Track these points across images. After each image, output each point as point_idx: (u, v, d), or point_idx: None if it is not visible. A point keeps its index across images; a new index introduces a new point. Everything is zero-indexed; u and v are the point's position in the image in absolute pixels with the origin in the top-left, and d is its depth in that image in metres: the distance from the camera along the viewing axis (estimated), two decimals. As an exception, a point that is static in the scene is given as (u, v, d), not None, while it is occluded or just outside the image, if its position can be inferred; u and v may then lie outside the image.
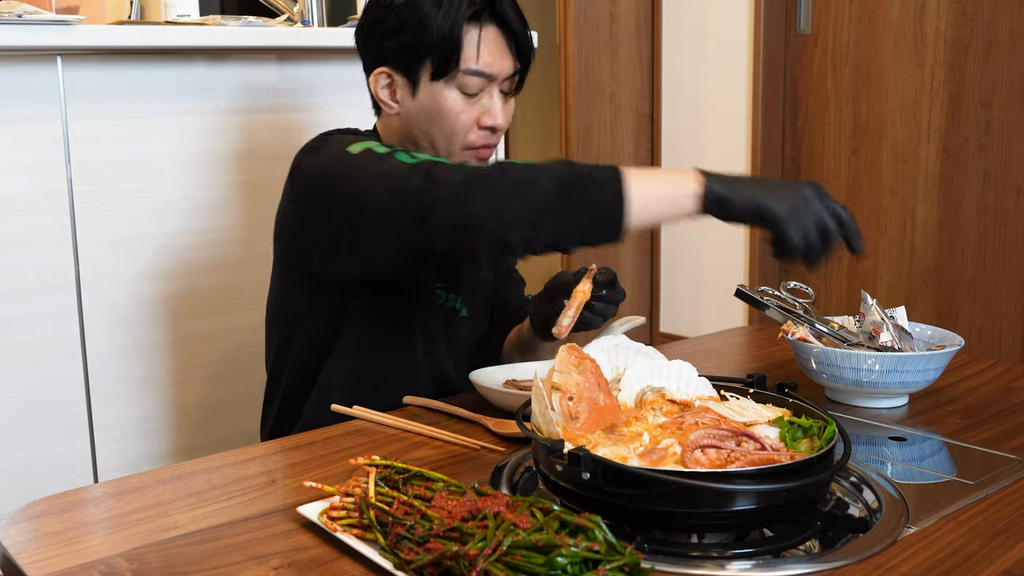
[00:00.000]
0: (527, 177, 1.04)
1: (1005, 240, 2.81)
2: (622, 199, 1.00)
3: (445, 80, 1.28)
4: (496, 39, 1.30)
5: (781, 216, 1.01)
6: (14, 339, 1.70)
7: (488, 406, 1.22)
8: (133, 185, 1.80)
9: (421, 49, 1.28)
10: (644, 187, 1.01)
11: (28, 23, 1.58)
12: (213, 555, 0.82)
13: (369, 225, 1.13)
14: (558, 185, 1.02)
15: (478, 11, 1.28)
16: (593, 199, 1.01)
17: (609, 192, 1.01)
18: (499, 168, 1.07)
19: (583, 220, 1.02)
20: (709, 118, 3.41)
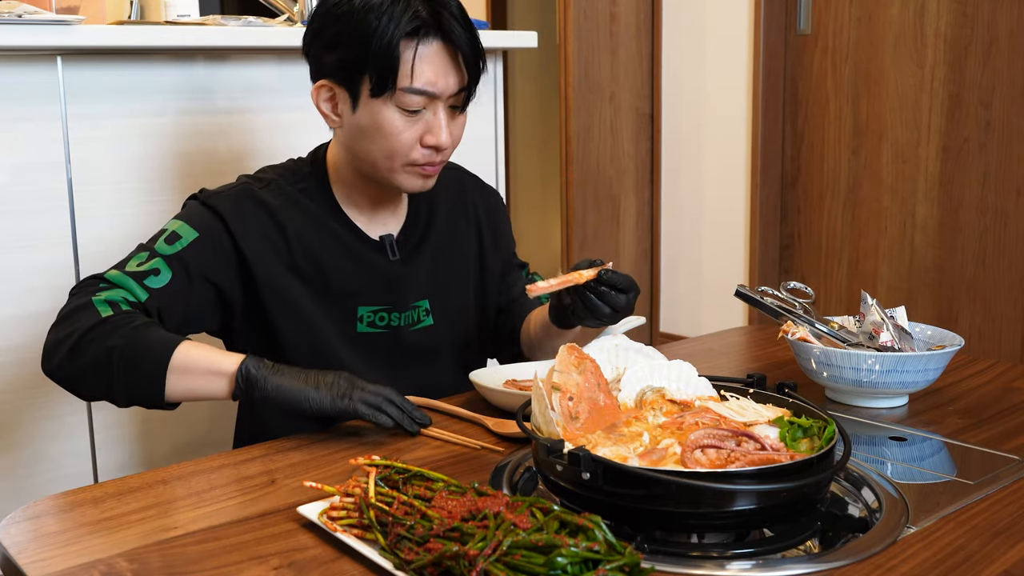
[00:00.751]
0: (98, 344, 1.15)
1: (1005, 240, 2.81)
2: (162, 386, 1.15)
3: (384, 98, 1.22)
4: (439, 55, 1.23)
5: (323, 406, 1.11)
6: (14, 339, 1.70)
7: (488, 406, 1.22)
8: (133, 185, 1.80)
9: (359, 64, 1.22)
10: (182, 378, 1.15)
11: (28, 23, 1.58)
12: (213, 555, 0.82)
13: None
14: (109, 359, 1.14)
15: (419, 26, 1.21)
16: (135, 384, 1.15)
17: (149, 380, 1.14)
18: (90, 327, 1.16)
19: (128, 393, 1.16)
20: (709, 118, 3.41)
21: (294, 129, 1.96)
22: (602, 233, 3.50)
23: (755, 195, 3.29)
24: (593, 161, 3.44)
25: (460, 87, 1.25)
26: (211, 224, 1.27)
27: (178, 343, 1.15)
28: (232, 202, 1.29)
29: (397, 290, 1.34)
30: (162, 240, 1.26)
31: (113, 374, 1.14)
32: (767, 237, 3.32)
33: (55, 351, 1.17)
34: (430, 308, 1.38)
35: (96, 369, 1.14)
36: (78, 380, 1.17)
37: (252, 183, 1.33)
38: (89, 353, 1.14)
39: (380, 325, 1.34)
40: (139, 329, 1.15)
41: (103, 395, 1.17)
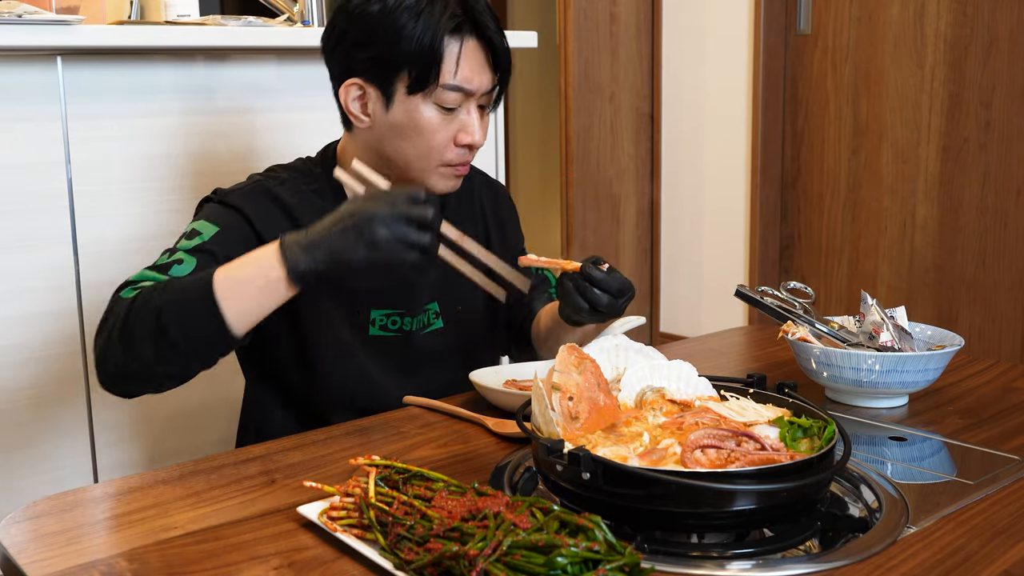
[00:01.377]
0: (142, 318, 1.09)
1: (1005, 240, 2.81)
2: (221, 318, 1.07)
3: (423, 95, 1.22)
4: (476, 52, 1.24)
5: (360, 260, 1.06)
6: (14, 339, 1.70)
7: (488, 406, 1.22)
8: (133, 185, 1.80)
9: (397, 61, 1.21)
10: (236, 299, 1.08)
11: (28, 23, 1.58)
12: (213, 555, 0.82)
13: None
14: (158, 321, 1.08)
15: (460, 23, 1.22)
16: (196, 330, 1.08)
17: (206, 317, 1.08)
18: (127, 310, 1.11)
19: (195, 344, 1.09)
20: (709, 118, 3.41)
21: (294, 129, 1.96)
22: (602, 233, 3.50)
23: (755, 195, 3.29)
24: (593, 161, 3.44)
25: (492, 85, 1.27)
26: (231, 219, 1.25)
27: (212, 275, 1.09)
28: (250, 198, 1.28)
29: (409, 295, 1.35)
30: (182, 239, 1.24)
31: (173, 335, 1.07)
32: (767, 237, 3.32)
33: (106, 354, 1.12)
34: (439, 311, 1.38)
35: (153, 342, 1.08)
36: (142, 365, 1.10)
37: (266, 180, 1.32)
38: (138, 330, 1.09)
39: (392, 329, 1.34)
40: (167, 287, 1.11)
41: (173, 361, 1.10)
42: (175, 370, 1.12)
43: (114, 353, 1.10)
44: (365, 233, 1.06)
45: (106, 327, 1.13)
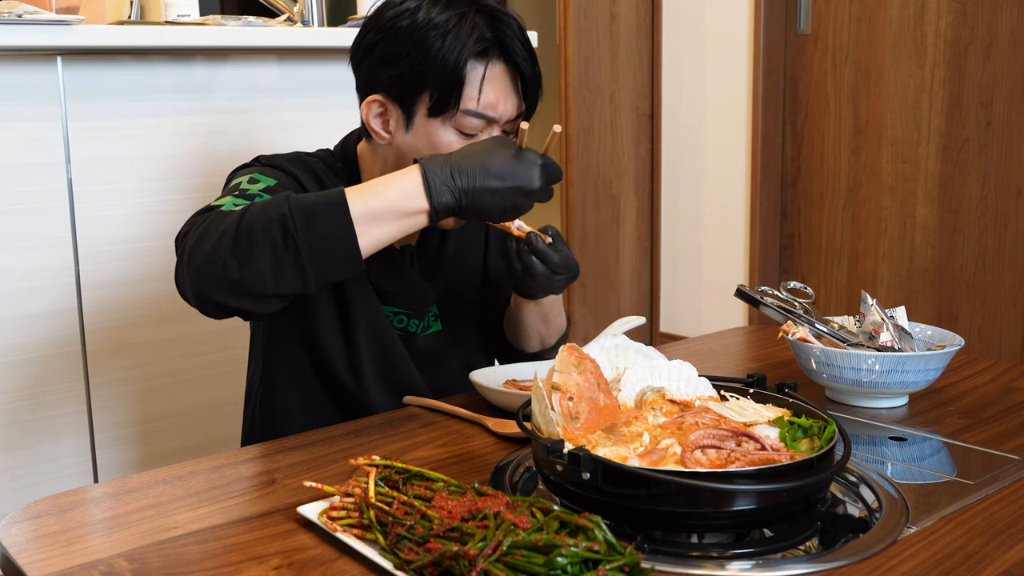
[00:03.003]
0: (262, 226, 1.03)
1: (1005, 240, 2.81)
2: (354, 239, 1.04)
3: (443, 118, 1.20)
4: (502, 78, 1.20)
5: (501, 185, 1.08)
6: (14, 339, 1.70)
7: (488, 406, 1.22)
8: (133, 185, 1.80)
9: (420, 81, 1.19)
10: (369, 222, 1.05)
11: (28, 23, 1.58)
12: (213, 555, 0.82)
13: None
14: (285, 231, 1.03)
15: (487, 47, 1.18)
16: (324, 242, 1.03)
17: (335, 231, 1.03)
18: (239, 219, 1.05)
19: (322, 263, 1.04)
20: (709, 118, 3.41)
21: (294, 129, 1.96)
22: (602, 233, 3.50)
23: (755, 195, 3.29)
24: (593, 161, 3.44)
25: (518, 112, 1.24)
26: (283, 177, 1.24)
27: (343, 194, 1.05)
28: (295, 164, 1.27)
29: (418, 299, 1.35)
30: (244, 182, 1.19)
31: (298, 244, 1.02)
32: (767, 237, 3.32)
33: (212, 260, 1.03)
34: (438, 313, 1.38)
35: (274, 254, 1.02)
36: (255, 270, 1.03)
37: (304, 156, 1.31)
38: (257, 236, 1.02)
39: (398, 327, 1.35)
40: (294, 197, 1.05)
41: (291, 277, 1.03)
42: (290, 288, 1.05)
43: (224, 263, 1.03)
44: (506, 161, 1.08)
45: (209, 238, 1.05)
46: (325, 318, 1.29)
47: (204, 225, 1.08)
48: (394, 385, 1.31)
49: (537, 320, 1.38)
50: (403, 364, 1.32)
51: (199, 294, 1.07)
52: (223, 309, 1.08)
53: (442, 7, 1.19)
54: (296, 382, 1.32)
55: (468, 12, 1.20)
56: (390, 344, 1.31)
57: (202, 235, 1.07)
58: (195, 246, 1.07)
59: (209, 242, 1.06)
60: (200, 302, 1.08)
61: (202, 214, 1.13)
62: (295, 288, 1.05)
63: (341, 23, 2.18)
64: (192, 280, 1.07)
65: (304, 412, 1.31)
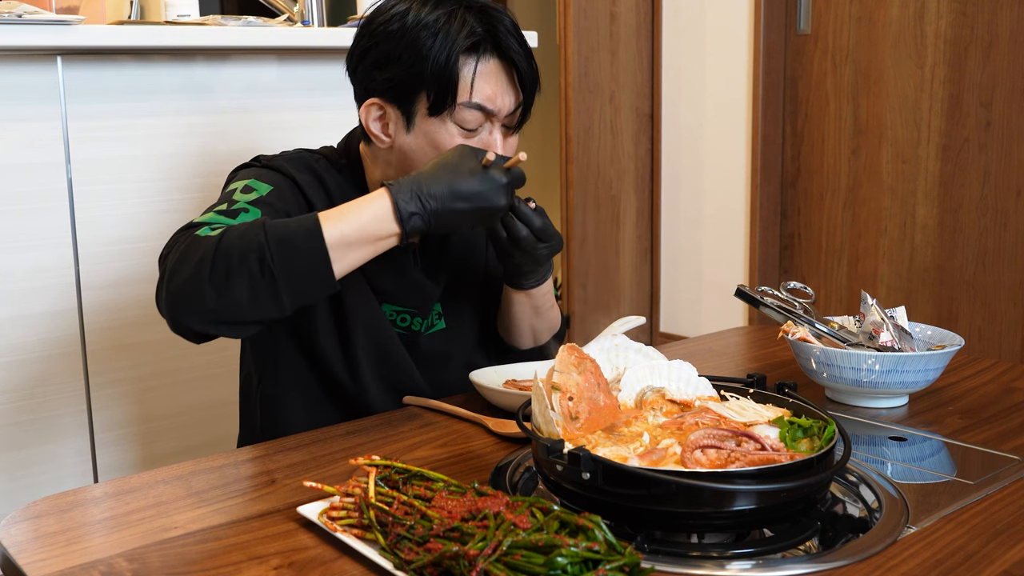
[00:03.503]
0: (239, 256, 1.05)
1: (1005, 240, 2.81)
2: (329, 266, 1.07)
3: (442, 116, 1.21)
4: (496, 71, 1.22)
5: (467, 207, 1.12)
6: (14, 339, 1.70)
7: (488, 406, 1.22)
8: (133, 185, 1.80)
9: (416, 82, 1.20)
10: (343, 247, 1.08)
11: (28, 23, 1.58)
12: (213, 555, 0.82)
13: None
14: (262, 262, 1.05)
15: (477, 41, 1.20)
16: (299, 270, 1.06)
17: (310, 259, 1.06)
18: (216, 246, 1.06)
19: (298, 290, 1.07)
20: (709, 118, 3.41)
21: (294, 129, 1.96)
22: (602, 233, 3.50)
23: (755, 195, 3.29)
24: (593, 161, 3.44)
25: (516, 105, 1.25)
26: (281, 181, 1.25)
27: (318, 221, 1.07)
28: (295, 165, 1.28)
29: (422, 297, 1.35)
30: (238, 192, 1.20)
31: (275, 273, 1.04)
32: (767, 237, 3.32)
33: (190, 290, 1.05)
34: (442, 311, 1.38)
35: (251, 284, 1.04)
36: (232, 300, 1.04)
37: (306, 154, 1.32)
38: (235, 266, 1.04)
39: (401, 325, 1.34)
40: (270, 225, 1.06)
41: (268, 305, 1.05)
42: (267, 315, 1.07)
43: (202, 293, 1.05)
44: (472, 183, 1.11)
45: (186, 266, 1.07)
46: (322, 321, 1.29)
47: (182, 250, 1.10)
48: (394, 385, 1.31)
49: (529, 312, 1.38)
50: (403, 364, 1.32)
51: (176, 321, 1.09)
52: (200, 336, 1.11)
53: (431, 7, 1.21)
54: (296, 383, 1.32)
55: (457, 10, 1.21)
56: (389, 345, 1.31)
57: (180, 261, 1.09)
58: (173, 272, 1.09)
59: (187, 269, 1.07)
60: (177, 328, 1.10)
61: (184, 231, 1.14)
62: (271, 314, 1.08)
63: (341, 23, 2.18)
64: (169, 307, 1.09)
65: (307, 412, 1.31)
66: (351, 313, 1.29)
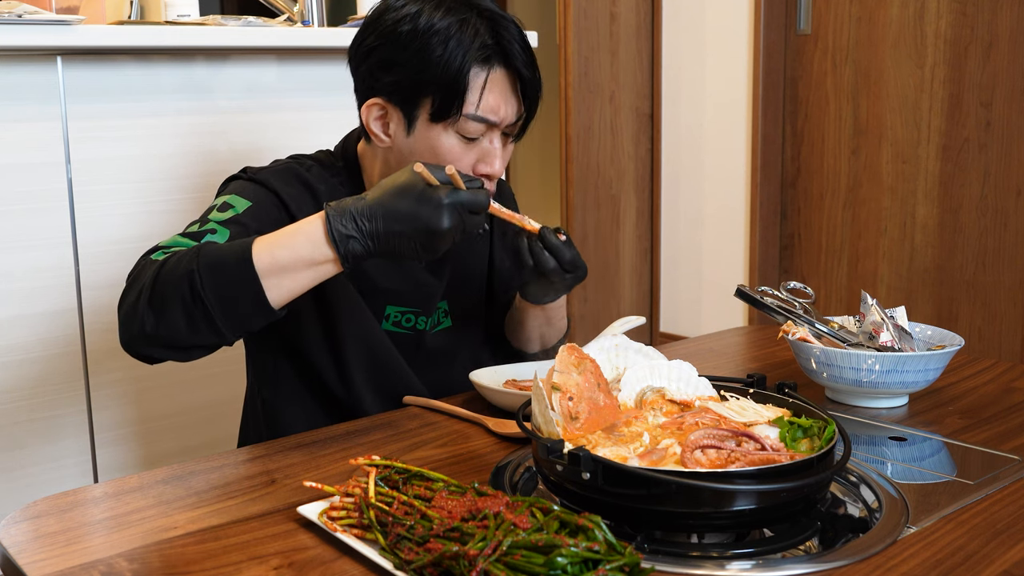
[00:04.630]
0: (174, 283, 1.04)
1: (1005, 240, 2.81)
2: (261, 291, 1.04)
3: (444, 124, 1.20)
4: (503, 83, 1.21)
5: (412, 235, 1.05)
6: (14, 339, 1.70)
7: (488, 406, 1.22)
8: (133, 185, 1.80)
9: (422, 87, 1.19)
10: (276, 273, 1.04)
11: (28, 23, 1.59)
12: (213, 555, 0.82)
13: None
14: (192, 289, 1.04)
15: (489, 54, 1.19)
16: (230, 296, 1.04)
17: (241, 286, 1.03)
18: (157, 272, 1.06)
19: (233, 317, 1.05)
20: (709, 118, 3.41)
21: (294, 129, 1.96)
22: (602, 233, 3.50)
23: (755, 195, 3.29)
24: (593, 161, 3.44)
25: (518, 116, 1.24)
26: (263, 196, 1.24)
27: (250, 246, 1.05)
28: (282, 178, 1.27)
29: (425, 296, 1.35)
30: (214, 211, 1.20)
31: (205, 301, 1.03)
32: (767, 237, 3.32)
33: (131, 318, 1.06)
34: (448, 309, 1.38)
35: (186, 311, 1.04)
36: (170, 326, 1.05)
37: (295, 164, 1.31)
38: (170, 295, 1.04)
39: (406, 326, 1.34)
40: (201, 253, 1.06)
41: (206, 331, 1.05)
42: (207, 340, 1.07)
43: (142, 318, 1.06)
44: (409, 204, 1.04)
45: (134, 290, 1.08)
46: (311, 332, 1.28)
47: (134, 274, 1.11)
48: (389, 393, 1.30)
49: (541, 323, 1.38)
50: (399, 370, 1.31)
51: (125, 343, 1.10)
52: (148, 359, 1.11)
53: (443, 12, 1.19)
54: (293, 394, 1.32)
55: (470, 17, 1.19)
56: (382, 352, 1.30)
57: (129, 286, 1.10)
58: (123, 296, 1.10)
59: (132, 294, 1.08)
60: (128, 350, 1.11)
61: (147, 254, 1.15)
62: (211, 340, 1.06)
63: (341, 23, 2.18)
64: (120, 331, 1.10)
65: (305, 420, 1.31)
66: (340, 322, 1.28)
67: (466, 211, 1.06)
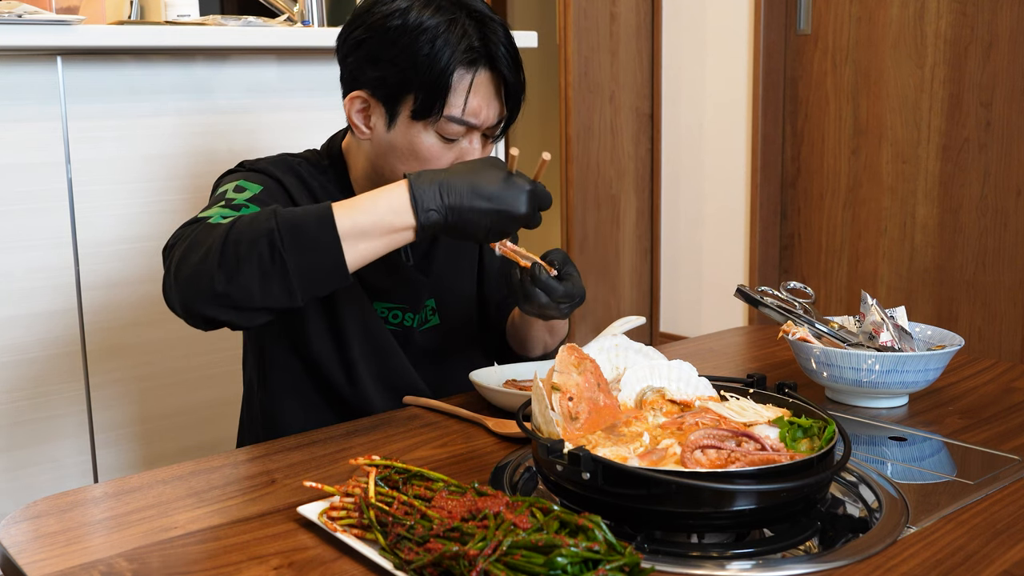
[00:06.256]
0: (249, 241, 1.03)
1: (1005, 240, 2.81)
2: (341, 255, 1.04)
3: (425, 122, 1.20)
4: (487, 85, 1.21)
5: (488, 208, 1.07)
6: (14, 339, 1.70)
7: (488, 406, 1.22)
8: (133, 185, 1.80)
9: (406, 84, 1.19)
10: (356, 237, 1.05)
11: (28, 23, 1.59)
12: (213, 555, 0.82)
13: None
14: (272, 247, 1.03)
15: (476, 56, 1.19)
16: (310, 257, 1.04)
17: (322, 247, 1.03)
18: (227, 232, 1.05)
19: (309, 278, 1.04)
20: (709, 118, 3.41)
21: (294, 129, 1.96)
22: (602, 233, 3.50)
23: (755, 195, 3.29)
24: (593, 161, 3.44)
25: (499, 119, 1.24)
26: (268, 182, 1.24)
27: (330, 209, 1.05)
28: (280, 169, 1.28)
29: (413, 293, 1.35)
30: (231, 191, 1.20)
31: (285, 259, 1.02)
32: (767, 237, 3.32)
33: (199, 274, 1.04)
34: (436, 307, 1.38)
35: (261, 270, 1.02)
36: (242, 286, 1.03)
37: (288, 159, 1.31)
38: (245, 251, 1.02)
39: (393, 322, 1.34)
40: (281, 212, 1.05)
41: (279, 292, 1.04)
42: (277, 303, 1.05)
43: (211, 277, 1.03)
44: (495, 183, 1.07)
45: (196, 251, 1.06)
46: (314, 324, 1.28)
47: (192, 237, 1.09)
48: (392, 385, 1.31)
49: (543, 332, 1.38)
50: (399, 363, 1.32)
51: (187, 307, 1.07)
52: (210, 322, 1.09)
53: (433, 10, 1.19)
54: (293, 388, 1.32)
55: (459, 17, 1.20)
56: (384, 344, 1.31)
57: (190, 248, 1.07)
58: (183, 259, 1.08)
59: (197, 255, 1.06)
60: (188, 315, 1.09)
61: (189, 225, 1.13)
62: (282, 302, 1.05)
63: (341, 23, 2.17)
64: (180, 293, 1.08)
65: (304, 417, 1.31)
66: (344, 314, 1.28)
67: (539, 203, 1.10)
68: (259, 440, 1.35)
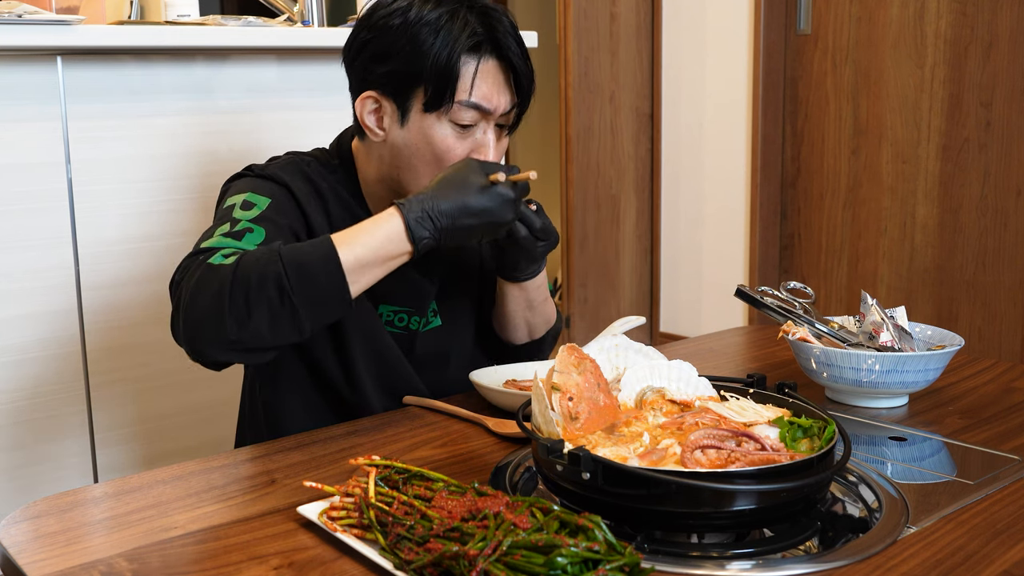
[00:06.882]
0: (257, 286, 1.06)
1: (1005, 240, 2.81)
2: (347, 291, 1.09)
3: (438, 113, 1.21)
4: (495, 72, 1.23)
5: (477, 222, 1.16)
6: (14, 339, 1.70)
7: (488, 406, 1.22)
8: (133, 185, 1.80)
9: (414, 77, 1.21)
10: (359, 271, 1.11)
11: (28, 23, 1.59)
12: (213, 555, 0.82)
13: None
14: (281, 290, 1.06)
15: (479, 42, 1.21)
16: (318, 295, 1.08)
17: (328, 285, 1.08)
18: (232, 275, 1.07)
19: (318, 315, 1.09)
20: (709, 118, 3.41)
21: (294, 129, 1.96)
22: (602, 233, 3.50)
23: (755, 195, 3.29)
24: (593, 161, 3.44)
25: (511, 105, 1.26)
26: (278, 191, 1.25)
27: (333, 245, 1.09)
28: (290, 173, 1.28)
29: (417, 296, 1.35)
30: (237, 209, 1.21)
31: (294, 301, 1.05)
32: (767, 237, 3.32)
33: (210, 322, 1.06)
34: (438, 309, 1.38)
35: (271, 312, 1.05)
36: (253, 331, 1.06)
37: (297, 159, 1.32)
38: (254, 296, 1.05)
39: (399, 325, 1.34)
40: (285, 252, 1.08)
41: (288, 331, 1.07)
42: (287, 340, 1.09)
43: (222, 325, 1.05)
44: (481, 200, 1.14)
45: (203, 295, 1.07)
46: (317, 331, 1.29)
47: (196, 278, 1.10)
48: (392, 390, 1.31)
49: (523, 306, 1.38)
50: (400, 367, 1.32)
51: (196, 350, 1.10)
52: (220, 364, 1.13)
53: (433, 4, 1.22)
54: (295, 390, 1.32)
55: (459, 9, 1.22)
56: (385, 349, 1.31)
57: (196, 291, 1.09)
58: (191, 303, 1.09)
59: (205, 299, 1.07)
60: (195, 356, 1.11)
61: (194, 257, 1.14)
62: (291, 339, 1.10)
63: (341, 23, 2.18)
64: (188, 337, 1.10)
65: (306, 418, 1.31)
66: (346, 319, 1.28)
67: (520, 199, 1.18)
68: (258, 435, 1.35)
